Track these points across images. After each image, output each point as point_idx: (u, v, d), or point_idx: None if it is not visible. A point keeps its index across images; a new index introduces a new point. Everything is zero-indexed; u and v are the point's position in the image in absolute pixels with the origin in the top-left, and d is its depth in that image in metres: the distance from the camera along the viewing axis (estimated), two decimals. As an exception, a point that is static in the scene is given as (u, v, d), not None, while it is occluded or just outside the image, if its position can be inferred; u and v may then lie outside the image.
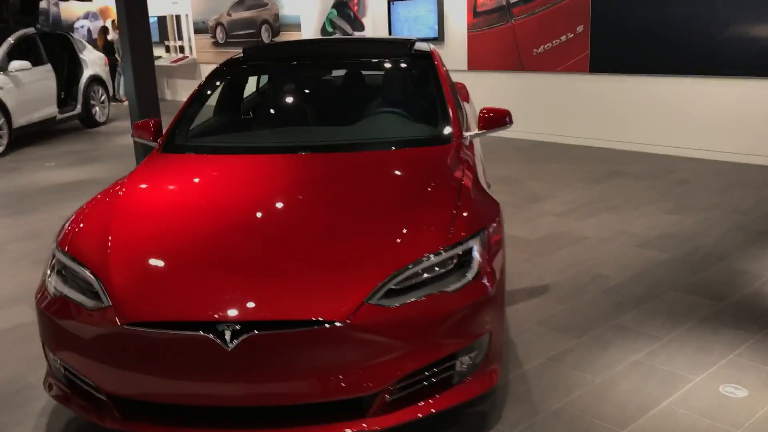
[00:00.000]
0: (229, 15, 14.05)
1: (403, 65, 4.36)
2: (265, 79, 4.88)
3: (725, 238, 5.02)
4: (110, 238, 2.78)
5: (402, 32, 10.50)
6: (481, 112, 3.92)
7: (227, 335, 2.37)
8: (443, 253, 2.66)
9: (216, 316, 2.41)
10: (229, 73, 4.38)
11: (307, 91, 4.48)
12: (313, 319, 2.40)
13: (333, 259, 2.62)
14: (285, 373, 2.41)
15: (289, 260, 2.63)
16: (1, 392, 3.27)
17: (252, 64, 4.48)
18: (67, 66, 11.89)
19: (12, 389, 3.28)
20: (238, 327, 2.38)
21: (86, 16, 18.94)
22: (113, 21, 16.36)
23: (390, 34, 10.66)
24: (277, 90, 4.57)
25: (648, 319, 3.79)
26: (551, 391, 3.10)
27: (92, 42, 16.17)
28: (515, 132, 9.33)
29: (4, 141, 9.74)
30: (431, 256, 2.64)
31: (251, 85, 4.97)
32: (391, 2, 10.54)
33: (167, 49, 15.96)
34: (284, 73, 4.50)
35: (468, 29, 9.72)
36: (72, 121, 11.72)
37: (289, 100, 4.44)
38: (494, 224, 2.95)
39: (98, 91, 12.29)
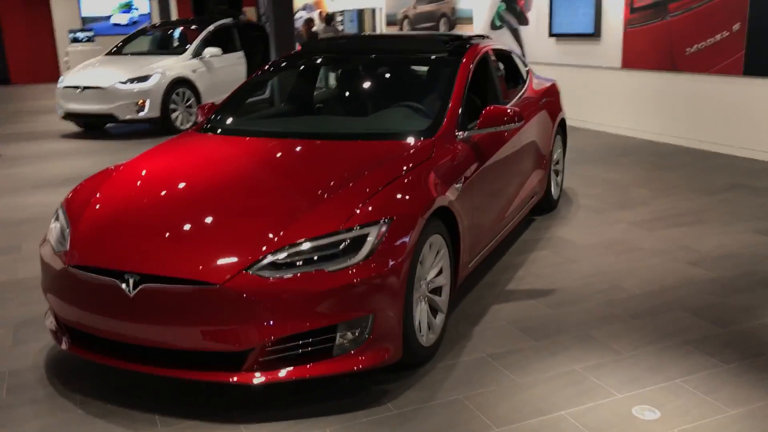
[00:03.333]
0: (414, 8, 14.62)
1: (431, 63, 4.51)
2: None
3: (797, 264, 4.52)
4: (95, 197, 3.40)
5: (561, 27, 10.29)
6: (485, 109, 3.98)
7: (130, 284, 2.85)
8: (332, 237, 2.91)
9: (125, 267, 2.90)
10: (284, 65, 4.86)
11: (333, 83, 4.83)
12: (195, 279, 2.79)
13: (235, 232, 2.98)
14: (171, 321, 2.83)
15: (202, 229, 3.03)
16: (40, 319, 4.00)
17: (305, 57, 4.90)
18: (261, 53, 13.23)
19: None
20: (138, 278, 2.85)
21: (304, 8, 20.66)
22: (319, 12, 17.77)
23: (550, 28, 10.49)
24: (312, 81, 4.97)
25: (626, 333, 3.63)
26: (463, 384, 3.18)
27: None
28: (659, 136, 8.85)
29: (194, 119, 11.20)
30: (319, 237, 2.90)
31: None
32: (553, -3, 10.36)
33: (362, 40, 16.98)
34: (323, 67, 4.88)
35: (624, 26, 9.29)
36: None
37: (316, 91, 4.82)
38: (409, 218, 3.09)
39: (286, 78, 13.50)
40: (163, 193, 3.36)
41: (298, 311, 2.81)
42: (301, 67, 4.97)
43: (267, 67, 4.89)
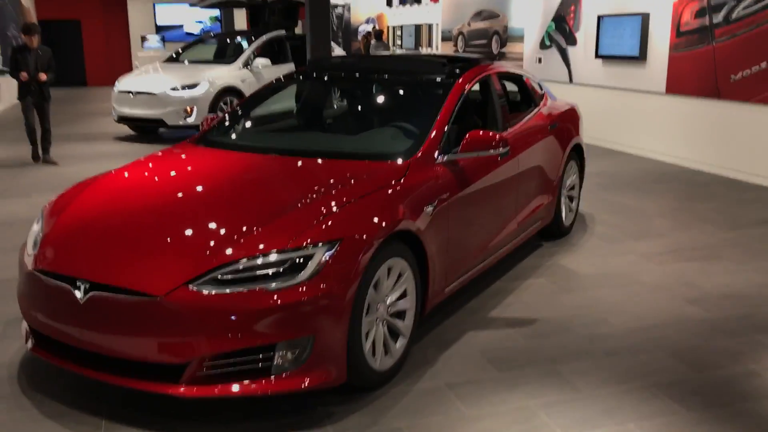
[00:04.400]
0: (468, 25, 14.58)
1: (426, 84, 4.49)
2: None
3: (804, 309, 4.28)
4: (70, 204, 3.54)
5: (607, 49, 10.06)
6: (468, 134, 3.94)
7: (81, 290, 2.95)
8: (276, 255, 2.93)
9: (78, 274, 3.00)
10: (288, 82, 4.94)
11: (331, 102, 4.86)
12: (136, 289, 2.87)
13: (184, 246, 3.04)
14: (115, 330, 2.91)
15: (155, 241, 3.10)
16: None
17: (308, 76, 4.96)
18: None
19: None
20: (88, 285, 2.94)
21: (367, 21, 20.90)
22: (373, 27, 17.94)
23: (597, 48, 10.27)
24: (308, 99, 5.02)
25: (594, 371, 3.52)
26: (410, 412, 3.13)
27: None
28: (700, 164, 8.56)
29: (238, 126, 11.46)
30: (264, 255, 2.93)
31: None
32: (600, 18, 10.15)
33: (418, 55, 17.00)
34: (323, 86, 4.95)
35: (669, 50, 9.02)
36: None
37: (312, 109, 4.89)
38: (360, 240, 3.08)
39: (336, 90, 13.66)
40: (128, 203, 3.46)
41: (236, 328, 2.84)
42: (302, 85, 5.04)
43: (271, 83, 4.98)
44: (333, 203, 3.25)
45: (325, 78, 4.89)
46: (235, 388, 2.89)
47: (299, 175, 3.73)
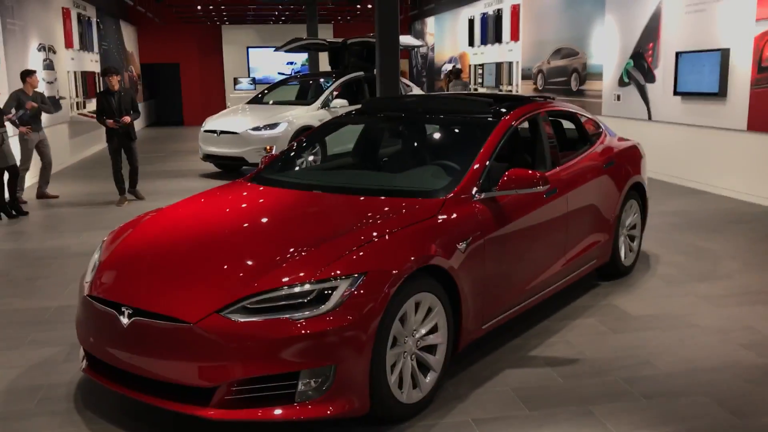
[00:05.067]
0: (548, 63, 14.54)
1: (473, 123, 4.55)
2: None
3: None
4: (125, 235, 3.81)
5: (686, 86, 9.82)
6: (507, 172, 3.98)
7: (126, 315, 3.18)
8: (302, 286, 3.07)
9: (123, 300, 3.23)
10: (343, 122, 5.14)
11: (378, 140, 5.01)
12: (172, 316, 3.06)
13: (219, 275, 3.22)
14: (153, 353, 3.11)
15: (194, 271, 3.31)
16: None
17: (362, 115, 5.15)
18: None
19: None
20: (131, 311, 3.17)
21: (449, 60, 21.16)
22: (453, 66, 18.15)
23: (676, 85, 10.03)
24: (359, 138, 5.19)
25: (628, 414, 3.44)
26: (432, 445, 3.18)
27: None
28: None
29: (316, 164, 11.82)
30: (291, 286, 3.07)
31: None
32: (679, 55, 9.93)
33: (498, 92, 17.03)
34: (375, 125, 5.13)
35: (751, 86, 8.72)
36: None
37: (361, 147, 5.05)
38: (386, 274, 3.18)
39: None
40: (176, 235, 3.70)
41: (261, 355, 2.98)
42: (356, 124, 5.23)
43: (324, 124, 5.19)
44: (362, 238, 3.37)
45: (377, 117, 5.06)
46: (261, 413, 3.02)
47: (336, 211, 3.88)
